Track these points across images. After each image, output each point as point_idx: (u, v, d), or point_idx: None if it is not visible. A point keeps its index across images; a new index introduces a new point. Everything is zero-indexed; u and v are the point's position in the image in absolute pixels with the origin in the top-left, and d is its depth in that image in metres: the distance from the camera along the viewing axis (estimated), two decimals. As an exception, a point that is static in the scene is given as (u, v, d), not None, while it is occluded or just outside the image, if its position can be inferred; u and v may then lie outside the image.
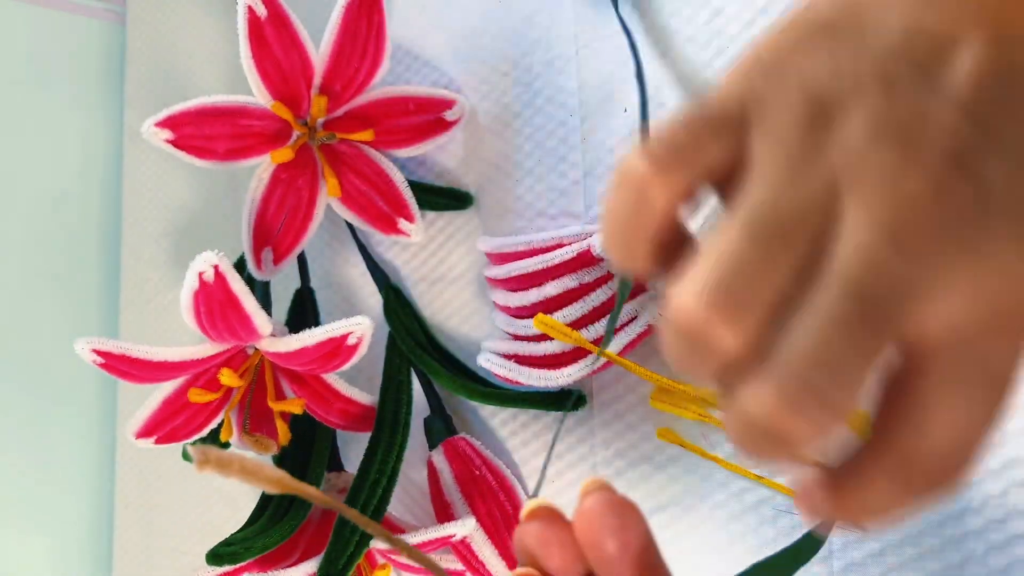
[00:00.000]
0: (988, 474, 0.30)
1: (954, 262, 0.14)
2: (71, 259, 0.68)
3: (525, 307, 0.38)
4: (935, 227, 0.14)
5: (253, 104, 0.42)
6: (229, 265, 0.36)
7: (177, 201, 0.64)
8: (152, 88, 0.68)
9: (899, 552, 0.31)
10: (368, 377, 0.47)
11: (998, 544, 0.30)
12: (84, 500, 0.67)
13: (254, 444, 0.43)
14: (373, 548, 0.40)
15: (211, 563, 0.39)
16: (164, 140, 0.42)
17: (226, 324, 0.38)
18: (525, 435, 0.43)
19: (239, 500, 0.57)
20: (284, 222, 0.45)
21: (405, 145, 0.45)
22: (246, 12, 0.39)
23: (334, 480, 0.45)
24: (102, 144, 0.70)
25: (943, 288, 0.14)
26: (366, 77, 0.43)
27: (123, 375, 0.40)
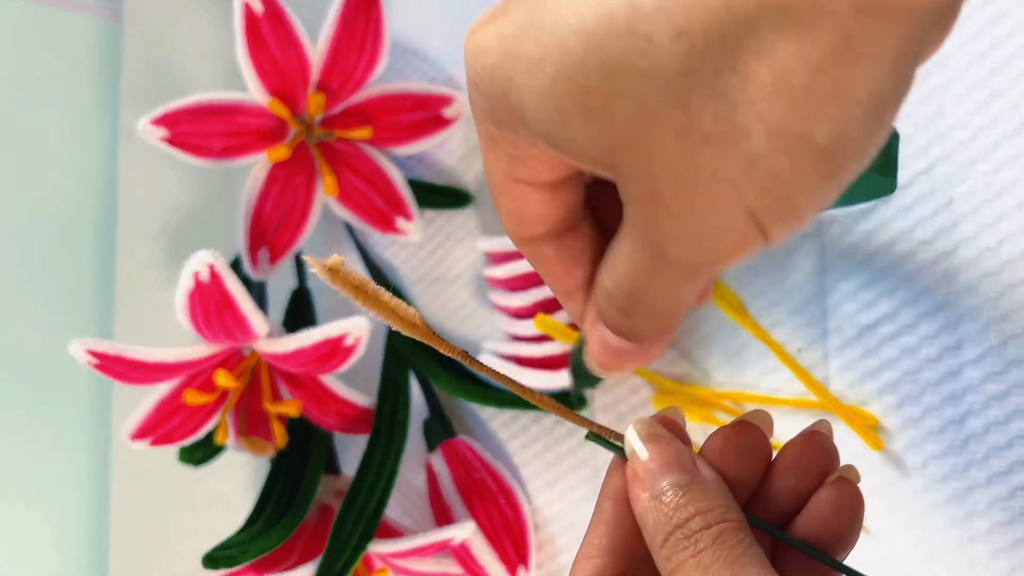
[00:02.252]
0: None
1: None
2: (65, 258, 0.68)
3: (525, 307, 0.37)
4: None
5: (249, 101, 0.42)
6: (225, 265, 0.35)
7: (173, 200, 0.64)
8: (148, 85, 0.67)
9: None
10: (366, 379, 0.47)
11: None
12: (79, 502, 0.66)
13: (250, 446, 0.42)
14: (371, 551, 0.40)
15: (207, 566, 0.39)
16: (160, 138, 0.41)
17: (222, 324, 0.38)
18: (525, 437, 0.42)
19: (235, 503, 0.56)
20: (281, 221, 0.45)
21: (403, 143, 0.45)
22: (243, 8, 0.39)
23: (332, 483, 0.45)
24: (97, 142, 0.70)
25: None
26: (364, 74, 0.43)
27: (118, 376, 0.39)
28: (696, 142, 0.15)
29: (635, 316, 0.19)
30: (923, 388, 0.31)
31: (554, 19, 0.16)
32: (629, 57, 0.15)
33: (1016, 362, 0.29)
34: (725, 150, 0.15)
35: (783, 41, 0.14)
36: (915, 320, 0.31)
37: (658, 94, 0.15)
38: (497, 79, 0.17)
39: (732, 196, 0.15)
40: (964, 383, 0.30)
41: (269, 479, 0.44)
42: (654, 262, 0.17)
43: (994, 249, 0.30)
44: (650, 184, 0.16)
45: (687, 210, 0.16)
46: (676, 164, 0.15)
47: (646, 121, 0.15)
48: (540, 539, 0.42)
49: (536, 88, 0.16)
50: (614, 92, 0.15)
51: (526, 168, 0.18)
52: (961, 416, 0.30)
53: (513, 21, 0.16)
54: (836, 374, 0.33)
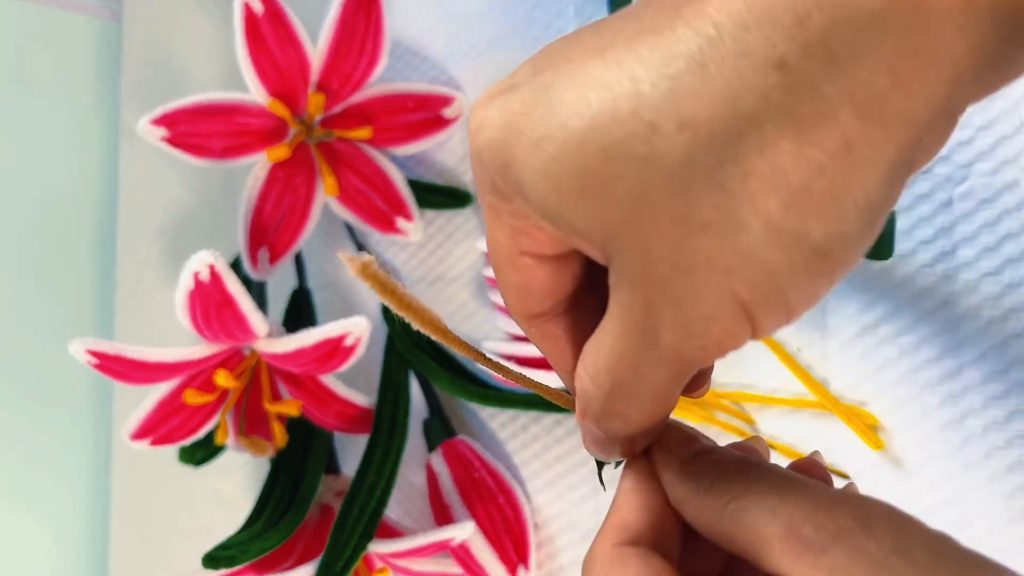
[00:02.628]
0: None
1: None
2: (66, 258, 0.68)
3: (525, 307, 0.37)
4: None
5: (249, 101, 0.42)
6: (225, 265, 0.35)
7: (173, 200, 0.64)
8: (148, 85, 0.67)
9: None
10: (366, 379, 0.47)
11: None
12: (80, 502, 0.66)
13: (250, 446, 0.42)
14: (371, 551, 0.40)
15: (207, 566, 0.39)
16: (160, 138, 0.41)
17: (222, 324, 0.38)
18: (525, 437, 0.42)
19: (236, 502, 0.56)
20: (281, 221, 0.45)
21: (403, 143, 0.45)
22: (243, 8, 0.39)
23: (331, 483, 0.45)
24: (97, 142, 0.70)
25: None
26: (364, 74, 0.43)
27: (118, 376, 0.39)
28: (693, 229, 0.15)
29: (616, 420, 0.19)
30: (922, 388, 0.31)
31: (560, 100, 0.16)
32: (630, 143, 0.15)
33: (1016, 362, 0.29)
34: (721, 240, 0.15)
35: (785, 140, 0.14)
36: (914, 320, 0.31)
37: (658, 181, 0.15)
38: (499, 152, 0.17)
39: (724, 285, 0.15)
40: (963, 383, 0.30)
41: (269, 479, 0.44)
42: (643, 350, 0.17)
43: (994, 249, 0.30)
44: (646, 268, 0.16)
45: (681, 295, 0.16)
46: (672, 249, 0.15)
47: (644, 206, 0.15)
48: (540, 539, 0.42)
49: (536, 165, 0.16)
50: (613, 175, 0.15)
51: (529, 240, 0.18)
52: (960, 416, 0.30)
53: (520, 98, 0.17)
54: (836, 374, 0.33)
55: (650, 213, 0.15)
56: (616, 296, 0.17)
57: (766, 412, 0.35)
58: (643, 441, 0.20)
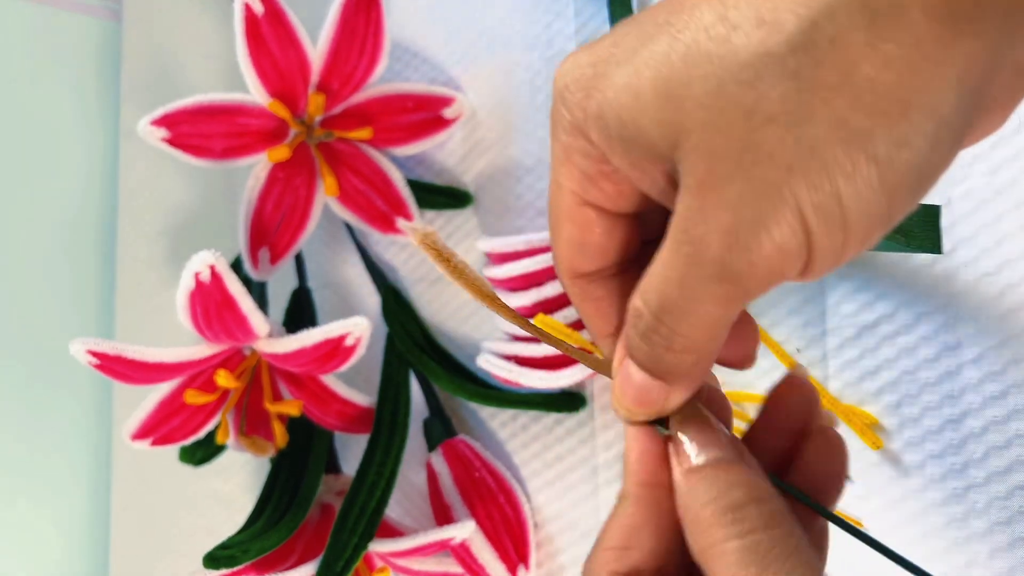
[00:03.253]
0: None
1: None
2: (66, 259, 0.68)
3: (525, 307, 0.38)
4: None
5: (250, 102, 0.42)
6: (226, 265, 0.35)
7: (173, 200, 0.64)
8: (148, 86, 0.67)
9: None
10: (366, 378, 0.47)
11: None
12: (80, 502, 0.66)
13: (251, 446, 0.42)
14: (371, 551, 0.40)
15: (208, 566, 0.39)
16: (160, 138, 0.41)
17: (222, 325, 0.38)
18: (525, 437, 0.43)
19: (236, 502, 0.56)
20: (281, 221, 0.45)
21: (403, 143, 0.45)
22: (243, 9, 0.39)
23: (332, 482, 0.45)
24: (98, 142, 0.70)
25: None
26: (364, 74, 0.43)
27: (119, 376, 0.39)
28: (760, 121, 0.15)
29: (661, 341, 0.18)
30: (922, 387, 0.31)
31: (645, 30, 0.17)
32: (710, 44, 0.16)
33: (1014, 362, 0.29)
34: (786, 131, 0.15)
35: (856, 31, 0.15)
36: (914, 320, 0.31)
37: (732, 75, 0.15)
38: (583, 84, 0.18)
39: (784, 185, 0.15)
40: (962, 383, 0.30)
41: (270, 479, 0.44)
42: (692, 263, 0.17)
43: (992, 249, 0.30)
44: (708, 166, 0.16)
45: (736, 196, 0.16)
46: (737, 144, 0.15)
47: (716, 101, 0.16)
48: (539, 538, 0.42)
49: (618, 82, 0.17)
50: (693, 76, 0.16)
51: (595, 189, 0.19)
52: (959, 415, 0.30)
53: (607, 41, 0.18)
54: (835, 373, 0.33)
55: (721, 107, 0.15)
56: (676, 210, 0.17)
57: (765, 412, 0.35)
58: (682, 389, 0.19)
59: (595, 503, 0.40)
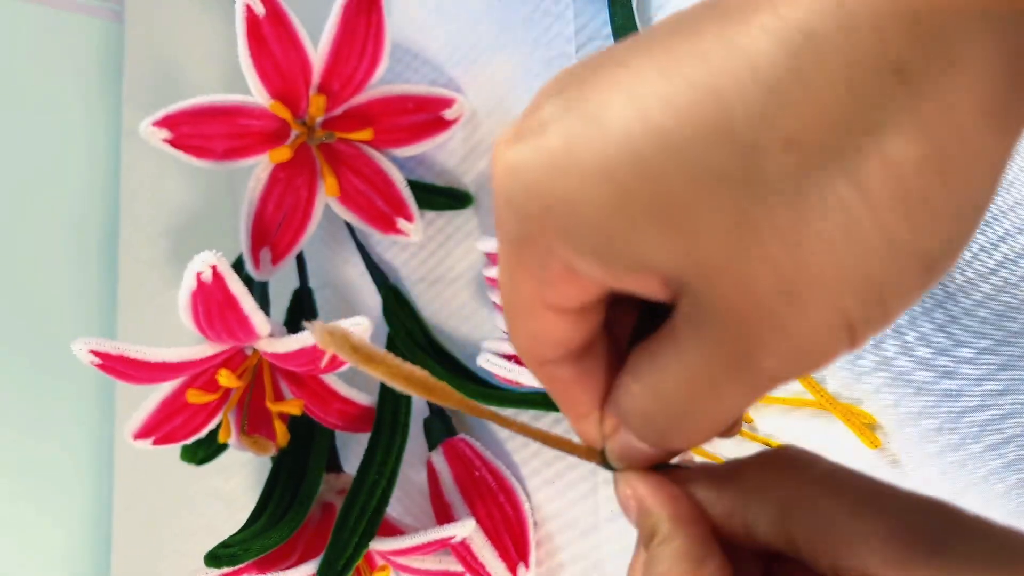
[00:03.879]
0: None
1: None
2: (68, 259, 0.68)
3: (525, 307, 0.38)
4: None
5: (251, 103, 0.42)
6: (227, 265, 0.35)
7: (175, 201, 0.64)
8: (150, 87, 0.67)
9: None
10: (367, 378, 0.47)
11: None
12: (82, 501, 0.66)
13: (252, 445, 0.42)
14: (372, 549, 0.40)
15: (209, 565, 0.39)
16: (162, 139, 0.42)
17: (224, 324, 0.38)
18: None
19: (238, 501, 0.56)
20: (282, 222, 0.45)
21: (404, 144, 0.45)
22: (244, 11, 0.39)
23: (333, 481, 0.45)
24: (99, 143, 0.70)
25: None
26: (365, 76, 0.43)
27: (121, 376, 0.40)
28: (803, 251, 0.14)
29: (679, 434, 0.18)
30: (919, 387, 0.31)
31: (617, 125, 0.14)
32: (724, 166, 0.14)
33: (1012, 361, 0.30)
34: (833, 257, 0.14)
35: (905, 145, 0.13)
36: (911, 319, 0.32)
37: (762, 205, 0.14)
38: (540, 195, 0.15)
39: (834, 304, 0.14)
40: (960, 382, 0.31)
41: (271, 477, 0.44)
42: (733, 377, 0.15)
43: (991, 248, 0.30)
44: (747, 294, 0.14)
45: (785, 321, 0.14)
46: (778, 274, 0.14)
47: (746, 232, 0.14)
48: (539, 536, 0.42)
49: (597, 201, 0.14)
50: (704, 203, 0.14)
51: (555, 292, 0.17)
52: (957, 415, 0.31)
53: (559, 134, 0.15)
54: (832, 373, 0.33)
55: (753, 239, 0.14)
56: (694, 326, 0.15)
57: (763, 411, 0.35)
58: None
59: (594, 501, 0.40)
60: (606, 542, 0.39)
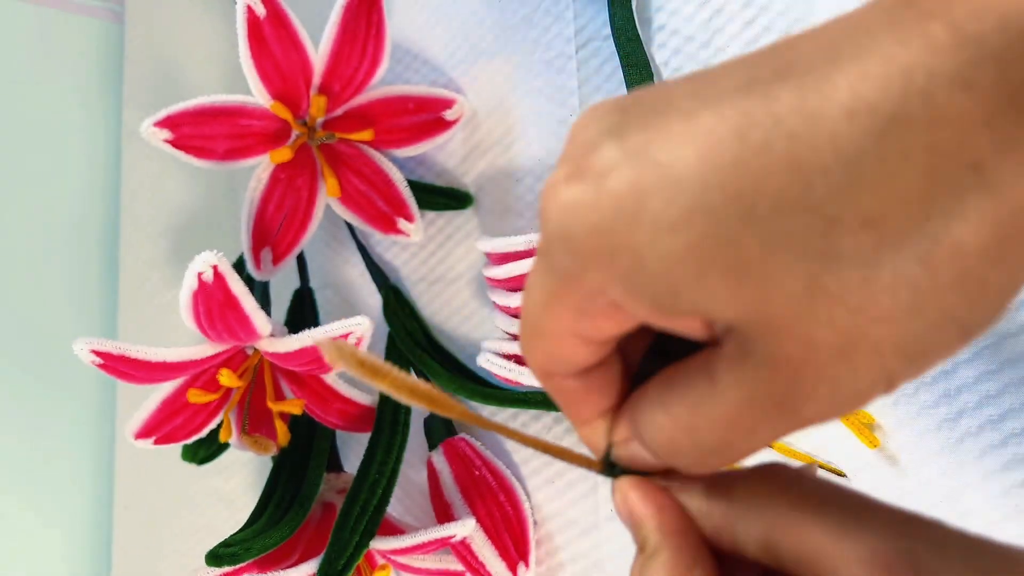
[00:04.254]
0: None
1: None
2: (70, 259, 0.68)
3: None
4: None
5: (252, 104, 0.42)
6: (228, 265, 0.36)
7: (176, 201, 0.64)
8: (151, 87, 0.68)
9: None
10: (367, 377, 0.47)
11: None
12: (83, 501, 0.67)
13: (253, 445, 0.42)
14: (373, 549, 0.40)
15: (210, 564, 0.39)
16: (163, 140, 0.42)
17: (225, 324, 0.38)
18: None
19: (238, 501, 0.56)
20: (283, 222, 0.45)
21: (404, 144, 0.45)
22: (245, 11, 0.39)
23: (333, 481, 0.45)
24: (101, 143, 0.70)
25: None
26: (365, 76, 0.43)
27: (122, 376, 0.40)
28: (866, 319, 0.15)
29: (704, 465, 0.18)
30: (918, 387, 0.31)
31: (693, 184, 0.14)
32: (803, 236, 0.14)
33: (1010, 361, 0.30)
34: (893, 327, 0.15)
35: (973, 230, 0.14)
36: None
37: (834, 273, 0.14)
38: (604, 238, 0.15)
39: (885, 365, 0.15)
40: (959, 382, 0.31)
41: (271, 477, 0.45)
42: (774, 420, 0.16)
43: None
44: (805, 350, 0.15)
45: (838, 374, 0.15)
46: (839, 337, 0.15)
47: (817, 295, 0.14)
48: (539, 535, 0.42)
49: (665, 252, 0.15)
50: (780, 266, 0.14)
51: (591, 326, 0.17)
52: (956, 415, 0.31)
53: (626, 181, 0.15)
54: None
55: (821, 302, 0.14)
56: (739, 368, 0.16)
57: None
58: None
59: (594, 500, 0.40)
60: (606, 542, 0.39)
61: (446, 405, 0.20)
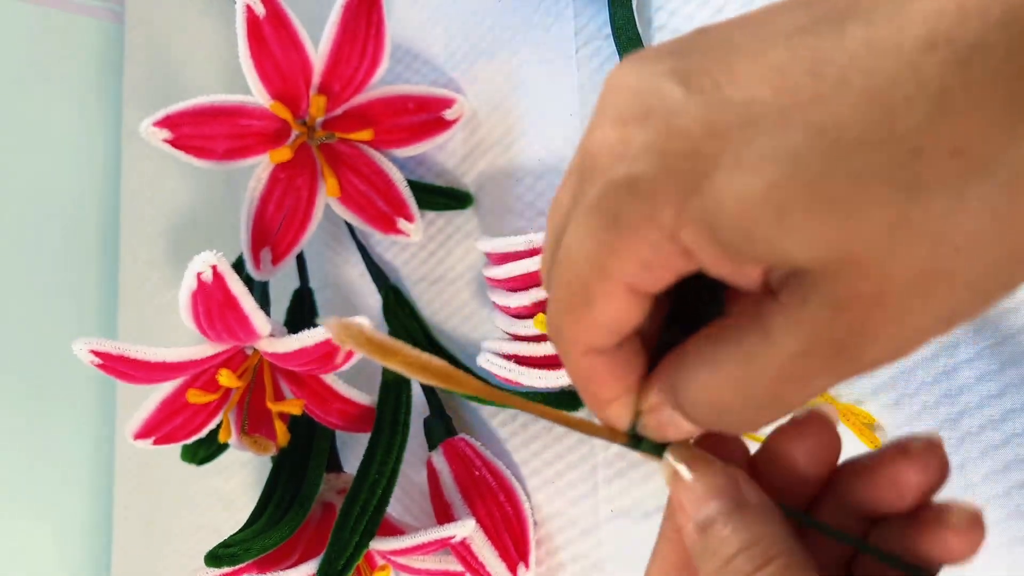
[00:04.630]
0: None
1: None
2: (69, 259, 0.68)
3: (525, 307, 0.38)
4: None
5: (252, 103, 0.42)
6: (227, 265, 0.35)
7: (175, 201, 0.64)
8: (150, 87, 0.68)
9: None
10: (367, 377, 0.47)
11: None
12: (82, 501, 0.67)
13: (252, 445, 0.42)
14: (373, 549, 0.40)
15: (210, 564, 0.39)
16: (162, 140, 0.42)
17: (225, 324, 0.38)
18: (525, 436, 0.43)
19: (238, 501, 0.56)
20: (283, 222, 0.45)
21: (404, 144, 0.45)
22: (245, 11, 0.39)
23: (333, 481, 0.45)
24: (100, 143, 0.70)
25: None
26: (365, 76, 0.43)
27: (121, 376, 0.40)
28: (948, 250, 0.14)
29: (751, 424, 0.17)
30: (919, 387, 0.31)
31: (771, 124, 0.14)
32: (887, 169, 0.14)
33: (1010, 361, 0.30)
34: (972, 251, 0.14)
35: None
36: (911, 319, 0.32)
37: (921, 204, 0.14)
38: (681, 180, 0.15)
39: (956, 294, 0.15)
40: (959, 382, 0.31)
41: (271, 477, 0.45)
42: (828, 366, 0.16)
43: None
44: (881, 286, 0.15)
45: (909, 311, 0.15)
46: (919, 272, 0.15)
47: (902, 228, 0.14)
48: (539, 536, 0.42)
49: (746, 192, 0.15)
50: (866, 200, 0.14)
51: (651, 276, 0.17)
52: (956, 415, 0.31)
53: (697, 117, 0.15)
54: (833, 373, 0.33)
55: (905, 235, 0.14)
56: (797, 315, 0.15)
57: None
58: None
59: (594, 501, 0.40)
60: (606, 542, 0.39)
61: (462, 381, 0.19)
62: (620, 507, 0.39)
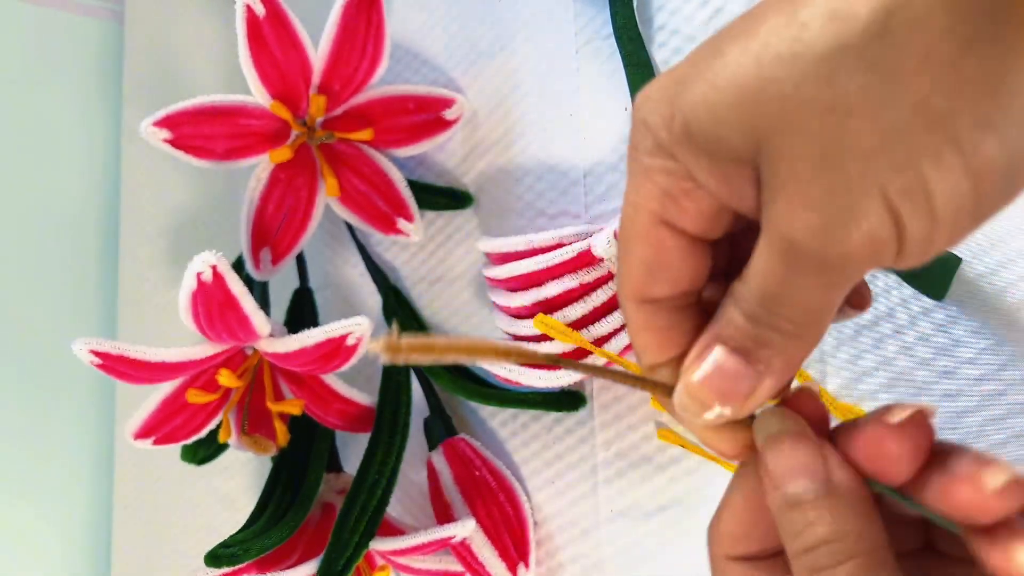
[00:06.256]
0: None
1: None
2: (69, 259, 0.68)
3: (525, 307, 0.38)
4: None
5: (252, 103, 0.42)
6: (227, 265, 0.35)
7: (175, 201, 0.64)
8: (150, 87, 0.67)
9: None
10: (367, 377, 0.47)
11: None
12: (82, 501, 0.67)
13: (252, 445, 0.42)
14: (372, 549, 0.40)
15: (210, 564, 0.39)
16: (162, 139, 0.42)
17: (224, 325, 0.38)
18: (525, 436, 0.43)
19: (238, 501, 0.56)
20: (283, 222, 0.45)
21: (404, 144, 0.45)
22: (244, 11, 0.39)
23: (333, 481, 0.45)
24: (100, 143, 0.70)
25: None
26: (365, 76, 0.43)
27: (121, 376, 0.40)
28: (839, 116, 0.15)
29: (764, 322, 0.18)
30: (919, 387, 0.31)
31: (726, 46, 0.17)
32: (781, 45, 0.16)
33: (1011, 362, 0.30)
34: (867, 121, 0.15)
35: (935, 17, 0.14)
36: (911, 319, 0.32)
37: (807, 73, 0.15)
38: (665, 104, 0.18)
39: (867, 174, 0.15)
40: (959, 382, 0.31)
41: (271, 477, 0.45)
42: (785, 259, 0.17)
43: (989, 249, 0.30)
44: (791, 168, 0.16)
45: (822, 194, 0.16)
46: (818, 142, 0.15)
47: (794, 102, 0.16)
48: (539, 536, 0.42)
49: (697, 96, 0.17)
50: (765, 79, 0.16)
51: (676, 207, 0.19)
52: (957, 415, 0.31)
53: (686, 63, 0.18)
54: (833, 373, 0.33)
55: (800, 108, 0.15)
56: (765, 211, 0.17)
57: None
58: (773, 379, 0.19)
59: (594, 501, 0.40)
60: (606, 542, 0.39)
61: (519, 354, 0.20)
62: (620, 507, 0.39)
